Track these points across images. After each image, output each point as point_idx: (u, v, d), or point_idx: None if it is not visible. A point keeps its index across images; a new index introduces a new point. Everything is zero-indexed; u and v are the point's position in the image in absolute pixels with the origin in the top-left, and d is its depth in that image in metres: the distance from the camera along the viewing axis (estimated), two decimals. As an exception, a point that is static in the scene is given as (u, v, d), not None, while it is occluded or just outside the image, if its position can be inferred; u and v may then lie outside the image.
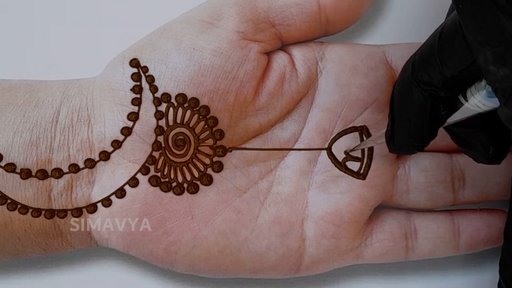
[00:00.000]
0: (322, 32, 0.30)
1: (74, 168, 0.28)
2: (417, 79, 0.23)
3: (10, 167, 0.27)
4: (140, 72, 0.28)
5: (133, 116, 0.28)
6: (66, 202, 0.28)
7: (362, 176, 0.30)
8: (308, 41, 0.30)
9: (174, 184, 0.29)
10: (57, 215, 0.28)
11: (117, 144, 0.28)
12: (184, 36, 0.28)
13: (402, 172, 0.31)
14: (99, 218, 0.28)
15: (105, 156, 0.28)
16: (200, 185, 0.29)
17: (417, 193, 0.31)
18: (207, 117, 0.28)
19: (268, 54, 0.30)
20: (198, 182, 0.29)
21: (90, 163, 0.28)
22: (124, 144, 0.28)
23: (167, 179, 0.28)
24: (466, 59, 0.21)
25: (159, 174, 0.28)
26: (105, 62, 0.29)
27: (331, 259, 0.30)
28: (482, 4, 0.19)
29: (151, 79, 0.28)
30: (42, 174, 0.27)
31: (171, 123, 0.28)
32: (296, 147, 0.30)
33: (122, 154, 0.28)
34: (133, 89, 0.28)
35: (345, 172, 0.30)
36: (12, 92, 0.28)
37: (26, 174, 0.27)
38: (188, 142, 0.29)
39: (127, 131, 0.28)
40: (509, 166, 0.30)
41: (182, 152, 0.29)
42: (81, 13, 0.33)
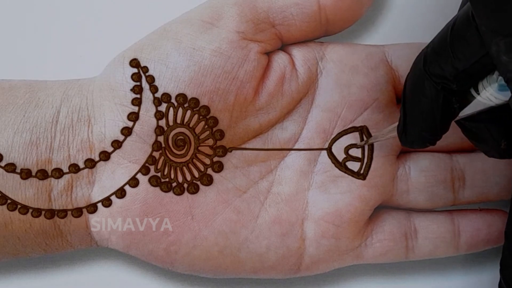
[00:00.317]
0: (322, 32, 0.30)
1: (74, 168, 0.28)
2: (429, 71, 0.23)
3: (10, 167, 0.27)
4: (140, 72, 0.28)
5: (133, 116, 0.28)
6: (66, 202, 0.28)
7: (362, 176, 0.30)
8: (308, 41, 0.30)
9: (174, 184, 0.29)
10: (57, 215, 0.28)
11: (117, 144, 0.28)
12: (184, 36, 0.28)
13: (402, 172, 0.31)
14: (99, 218, 0.28)
15: (105, 156, 0.28)
16: (200, 185, 0.29)
17: (417, 193, 0.31)
18: (207, 117, 0.28)
19: (268, 54, 0.30)
20: (198, 182, 0.29)
21: (90, 163, 0.28)
22: (124, 144, 0.28)
23: (167, 179, 0.28)
24: (478, 51, 0.21)
25: (159, 174, 0.28)
26: (105, 62, 0.29)
27: (331, 259, 0.30)
28: None
29: (151, 79, 0.28)
30: (42, 174, 0.27)
31: (171, 123, 0.28)
32: (296, 147, 0.30)
33: (122, 154, 0.28)
34: (133, 89, 0.28)
35: (345, 172, 0.30)
36: (12, 92, 0.28)
37: (26, 174, 0.27)
38: (188, 142, 0.29)
39: (127, 131, 0.28)
40: (509, 166, 0.30)
41: (182, 152, 0.29)
42: (81, 13, 0.33)
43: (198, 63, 0.28)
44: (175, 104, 0.28)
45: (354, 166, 0.30)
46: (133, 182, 0.28)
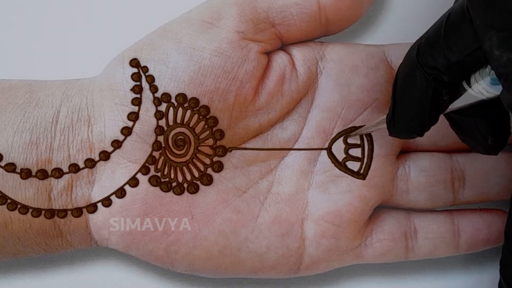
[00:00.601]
0: (322, 32, 0.30)
1: (74, 168, 0.28)
2: (422, 62, 0.23)
3: (10, 167, 0.27)
4: (140, 72, 0.28)
5: (133, 116, 0.28)
6: (66, 202, 0.28)
7: (362, 176, 0.30)
8: (308, 41, 0.30)
9: (174, 184, 0.29)
10: (57, 215, 0.28)
11: (117, 144, 0.28)
12: (184, 36, 0.28)
13: (402, 172, 0.31)
14: (99, 218, 0.28)
15: (105, 156, 0.28)
16: (200, 185, 0.29)
17: (417, 193, 0.31)
18: (207, 117, 0.28)
19: (268, 54, 0.30)
20: (198, 182, 0.29)
21: (90, 163, 0.28)
22: (124, 144, 0.28)
23: (167, 179, 0.28)
24: (471, 44, 0.21)
25: (159, 174, 0.28)
26: (105, 62, 0.29)
27: (331, 259, 0.30)
28: None
29: (151, 79, 0.28)
30: (42, 174, 0.27)
31: (171, 123, 0.28)
32: (296, 147, 0.30)
33: (122, 154, 0.28)
34: (133, 89, 0.28)
35: (345, 172, 0.30)
36: (12, 92, 0.28)
37: (26, 174, 0.27)
38: (188, 142, 0.29)
39: (127, 131, 0.28)
40: (509, 166, 0.30)
41: (182, 152, 0.29)
42: (81, 13, 0.33)
43: (198, 63, 0.28)
44: (175, 104, 0.28)
45: (354, 166, 0.30)
46: (133, 182, 0.28)
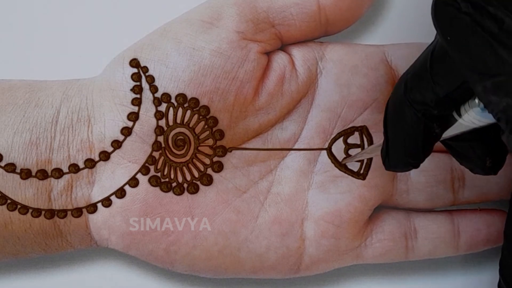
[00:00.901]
0: (322, 32, 0.30)
1: (74, 168, 0.28)
2: (410, 98, 0.23)
3: (10, 167, 0.27)
4: (140, 72, 0.28)
5: (133, 116, 0.28)
6: (66, 202, 0.28)
7: (362, 176, 0.30)
8: (308, 41, 0.30)
9: (174, 184, 0.29)
10: (57, 215, 0.28)
11: (117, 144, 0.28)
12: (184, 36, 0.28)
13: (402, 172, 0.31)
14: (99, 218, 0.28)
15: (105, 156, 0.28)
16: (200, 185, 0.29)
17: (417, 193, 0.31)
18: (207, 117, 0.28)
19: (268, 54, 0.30)
20: (198, 182, 0.29)
21: (90, 163, 0.28)
22: (124, 144, 0.28)
23: (167, 179, 0.28)
24: (459, 78, 0.21)
25: (159, 174, 0.28)
26: (105, 62, 0.29)
27: (331, 259, 0.30)
28: (474, 35, 0.19)
29: (151, 79, 0.28)
30: (42, 174, 0.27)
31: (171, 123, 0.28)
32: (296, 147, 0.30)
33: (122, 154, 0.28)
34: (133, 89, 0.28)
35: (345, 172, 0.30)
36: (12, 92, 0.28)
37: (26, 174, 0.27)
38: (188, 142, 0.29)
39: (127, 131, 0.28)
40: (509, 166, 0.30)
41: (182, 152, 0.29)
42: (81, 13, 0.33)
43: (198, 63, 0.28)
44: (175, 104, 0.28)
45: (354, 166, 0.30)
46: (133, 182, 0.28)
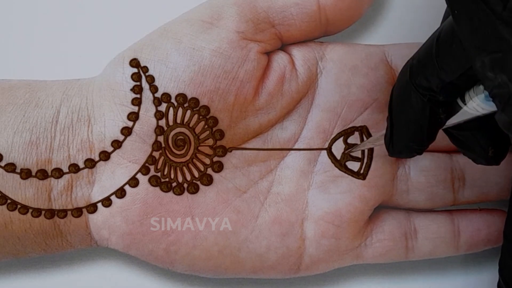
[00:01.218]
0: (322, 32, 0.30)
1: (74, 168, 0.28)
2: (415, 83, 0.23)
3: (10, 167, 0.27)
4: (140, 72, 0.28)
5: (133, 116, 0.28)
6: (66, 202, 0.28)
7: (362, 176, 0.30)
8: (308, 41, 0.30)
9: (174, 184, 0.29)
10: (57, 215, 0.28)
11: (117, 144, 0.28)
12: (184, 36, 0.28)
13: (402, 172, 0.31)
14: (99, 218, 0.28)
15: (105, 156, 0.28)
16: (200, 185, 0.29)
17: (417, 193, 0.31)
18: (207, 117, 0.28)
19: (268, 54, 0.30)
20: (198, 182, 0.29)
21: (90, 163, 0.28)
22: (124, 144, 0.28)
23: (167, 179, 0.28)
24: (464, 63, 0.21)
25: (159, 174, 0.28)
26: (105, 62, 0.29)
27: (331, 259, 0.30)
28: (478, 10, 0.19)
29: (151, 79, 0.28)
30: (42, 174, 0.27)
31: (171, 123, 0.28)
32: (296, 147, 0.30)
33: (122, 154, 0.28)
34: (133, 89, 0.28)
35: (345, 172, 0.30)
36: (12, 92, 0.28)
37: (26, 174, 0.27)
38: (188, 142, 0.29)
39: (127, 131, 0.28)
40: (509, 166, 0.30)
41: (182, 152, 0.29)
42: (81, 13, 0.33)
43: (198, 63, 0.28)
44: (175, 104, 0.28)
45: (354, 166, 0.30)
46: (133, 182, 0.28)
